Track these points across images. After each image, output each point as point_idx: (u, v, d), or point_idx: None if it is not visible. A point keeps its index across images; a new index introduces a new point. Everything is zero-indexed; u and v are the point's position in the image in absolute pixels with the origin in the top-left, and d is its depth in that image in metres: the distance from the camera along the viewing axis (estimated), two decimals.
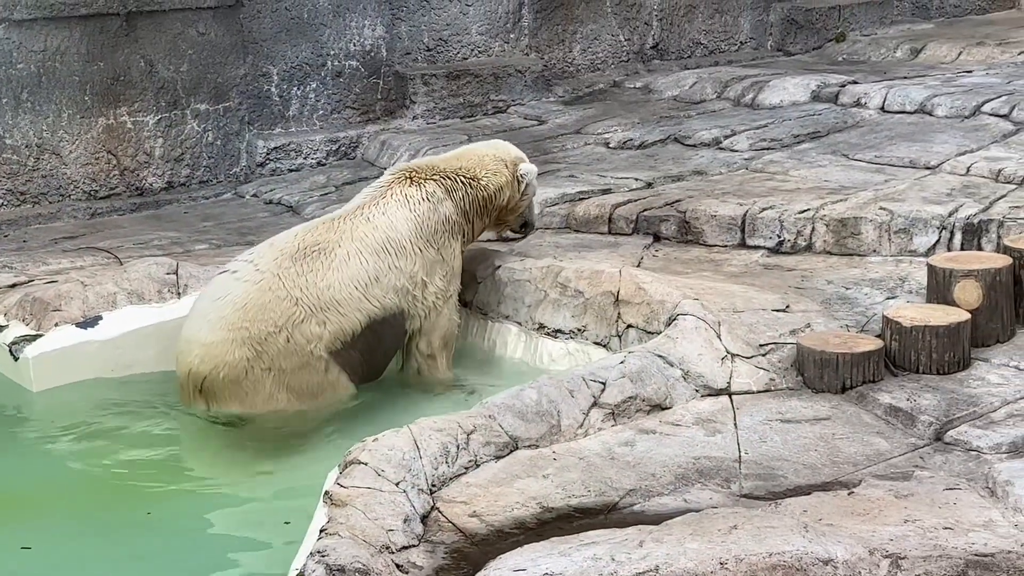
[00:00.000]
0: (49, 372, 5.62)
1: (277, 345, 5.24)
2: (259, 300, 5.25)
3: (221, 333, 5.24)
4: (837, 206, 6.32)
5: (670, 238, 6.48)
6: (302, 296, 5.28)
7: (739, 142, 7.76)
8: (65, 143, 7.52)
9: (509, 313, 5.87)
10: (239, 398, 5.28)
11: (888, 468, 4.33)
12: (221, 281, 5.39)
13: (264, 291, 5.27)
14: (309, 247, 5.39)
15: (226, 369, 5.24)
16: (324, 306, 5.31)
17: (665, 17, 9.96)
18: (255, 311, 5.24)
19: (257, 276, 5.31)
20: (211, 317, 5.28)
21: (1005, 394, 4.78)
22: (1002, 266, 5.25)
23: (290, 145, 8.24)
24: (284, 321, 5.25)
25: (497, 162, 5.88)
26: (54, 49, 7.42)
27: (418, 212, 5.60)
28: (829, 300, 5.56)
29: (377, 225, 5.52)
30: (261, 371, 5.25)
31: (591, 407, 4.65)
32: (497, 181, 5.84)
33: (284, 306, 5.25)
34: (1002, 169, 6.64)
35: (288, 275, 5.30)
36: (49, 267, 6.33)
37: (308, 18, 8.34)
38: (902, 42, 10.11)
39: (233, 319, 5.24)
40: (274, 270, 5.31)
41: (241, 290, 5.28)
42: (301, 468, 5.05)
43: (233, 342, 5.22)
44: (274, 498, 4.90)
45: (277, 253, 5.37)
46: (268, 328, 5.24)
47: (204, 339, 5.26)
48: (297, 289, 5.28)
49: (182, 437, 5.44)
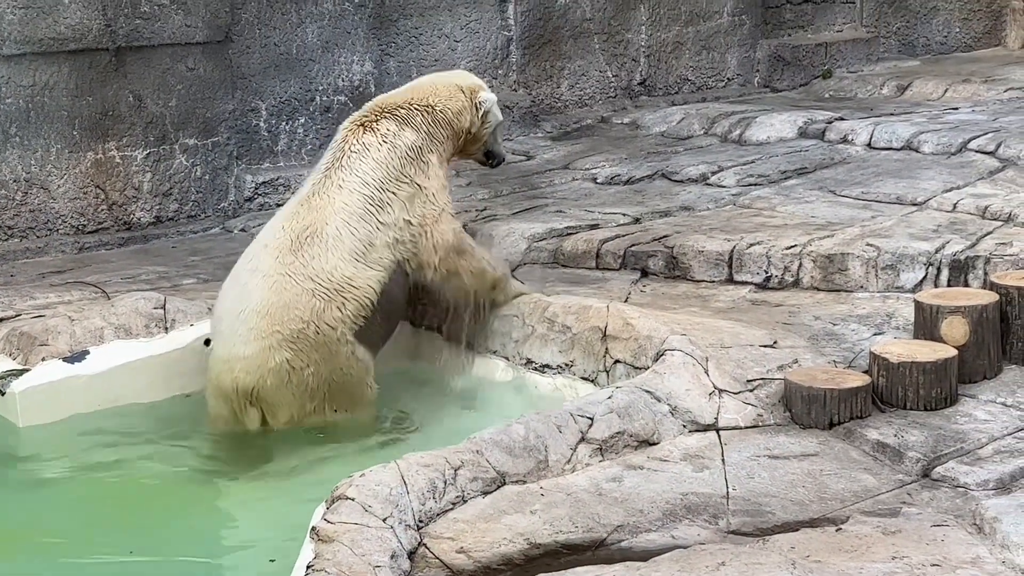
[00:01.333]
0: (36, 407, 5.60)
1: (308, 339, 5.33)
2: (279, 301, 5.32)
3: (256, 343, 5.30)
4: (824, 242, 6.33)
5: (658, 273, 6.49)
6: (316, 286, 5.35)
7: (726, 178, 7.78)
8: (53, 177, 7.51)
9: (496, 348, 5.87)
10: (288, 402, 5.37)
11: (876, 504, 4.33)
12: (234, 296, 5.43)
13: (280, 292, 5.33)
14: (300, 235, 5.41)
15: (271, 376, 5.32)
16: (338, 287, 5.38)
17: (652, 54, 10.00)
18: (279, 313, 5.31)
19: (267, 281, 5.35)
20: (240, 332, 5.33)
21: (992, 430, 4.78)
22: (989, 303, 5.26)
23: (278, 180, 8.24)
24: (309, 314, 5.32)
25: (451, 87, 5.88)
26: (43, 84, 7.43)
27: (379, 157, 5.60)
28: (816, 336, 5.57)
29: (351, 188, 5.53)
30: (301, 369, 5.33)
31: (579, 442, 4.65)
32: (454, 105, 5.82)
33: (304, 300, 5.32)
34: (988, 206, 6.66)
35: (295, 270, 5.35)
36: (36, 301, 6.32)
37: (297, 54, 8.36)
38: (888, 79, 10.16)
39: (262, 327, 5.30)
40: (280, 270, 5.36)
41: (258, 298, 5.34)
42: (287, 504, 5.03)
43: (270, 348, 5.30)
44: (260, 534, 4.88)
45: (275, 252, 5.41)
46: (297, 325, 5.31)
47: (242, 353, 5.32)
48: (308, 280, 5.34)
49: (167, 473, 5.42)
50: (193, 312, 5.94)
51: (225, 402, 5.43)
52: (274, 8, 8.24)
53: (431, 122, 5.76)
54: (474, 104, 5.89)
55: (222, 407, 5.46)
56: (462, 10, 9.04)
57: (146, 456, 5.45)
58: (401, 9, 8.78)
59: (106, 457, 5.44)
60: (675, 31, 10.09)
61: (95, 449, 5.49)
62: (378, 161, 5.60)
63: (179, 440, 5.61)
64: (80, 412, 5.66)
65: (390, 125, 5.68)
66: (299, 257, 5.37)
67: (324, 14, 8.43)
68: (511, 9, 9.27)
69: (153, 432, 5.59)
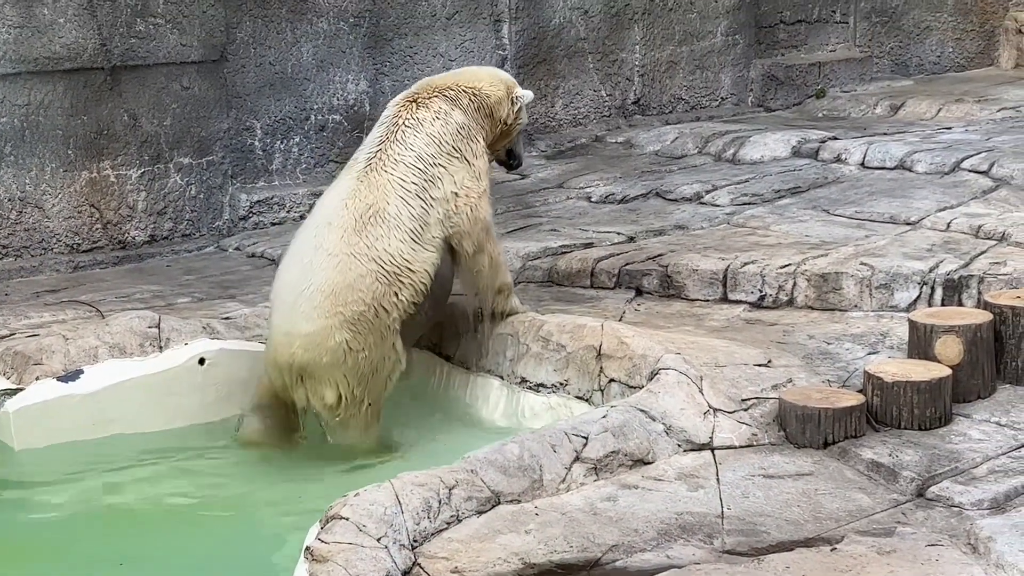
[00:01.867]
0: (30, 426, 5.59)
1: (368, 322, 5.40)
2: (344, 282, 5.38)
3: (320, 321, 5.37)
4: (818, 261, 6.34)
5: (652, 292, 6.49)
6: (379, 268, 5.42)
7: (720, 197, 7.79)
8: (48, 196, 7.51)
9: (491, 367, 5.87)
10: (337, 383, 5.42)
11: (870, 524, 4.33)
12: (298, 272, 5.48)
13: (345, 272, 5.39)
14: (364, 214, 5.48)
15: (328, 355, 5.38)
16: (397, 271, 5.46)
17: (647, 73, 10.02)
18: (343, 293, 5.37)
19: (333, 260, 5.41)
20: (303, 308, 5.39)
21: (986, 450, 4.79)
22: (983, 322, 5.27)
23: (273, 199, 8.25)
24: (371, 297, 5.39)
25: (493, 77, 6.01)
26: (38, 103, 7.43)
27: (433, 132, 5.67)
28: (811, 355, 5.57)
29: (407, 163, 5.60)
30: (357, 352, 5.40)
31: (573, 462, 4.65)
32: (496, 93, 5.92)
33: (368, 282, 5.40)
34: (982, 225, 6.68)
35: (359, 250, 5.42)
36: (31, 320, 6.31)
37: (292, 73, 8.37)
38: (882, 99, 10.19)
39: (326, 306, 5.36)
40: (346, 250, 5.41)
41: (322, 277, 5.39)
42: (281, 523, 5.03)
43: (332, 328, 5.36)
44: (254, 554, 4.87)
45: (339, 230, 5.45)
46: (360, 307, 5.39)
47: (303, 330, 5.38)
48: (372, 262, 5.41)
49: (161, 493, 5.42)
50: (187, 331, 5.94)
51: (279, 375, 5.50)
52: (269, 27, 8.25)
53: (476, 106, 5.85)
54: (511, 97, 5.98)
55: (277, 379, 5.53)
56: (457, 30, 9.06)
57: (140, 478, 5.45)
58: (396, 28, 8.80)
59: (101, 479, 5.43)
60: (669, 51, 10.11)
61: (89, 470, 5.48)
62: (431, 136, 5.67)
63: (173, 462, 5.60)
64: (74, 430, 5.65)
65: (441, 103, 5.76)
66: (363, 238, 5.44)
67: (319, 33, 8.45)
68: (506, 29, 9.29)
69: (147, 453, 5.58)
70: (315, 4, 8.42)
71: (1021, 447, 4.82)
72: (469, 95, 5.84)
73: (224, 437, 5.77)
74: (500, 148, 6.09)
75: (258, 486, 5.41)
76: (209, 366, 5.87)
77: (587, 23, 9.69)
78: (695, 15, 10.20)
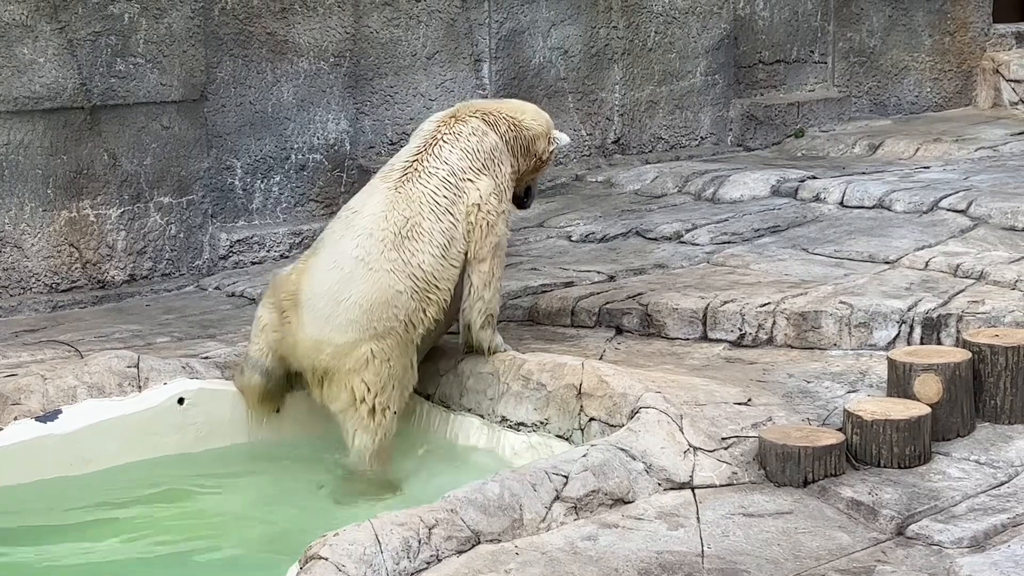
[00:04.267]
0: (7, 466, 5.56)
1: (397, 335, 5.53)
2: (381, 299, 5.52)
3: (353, 335, 5.50)
4: (797, 300, 6.36)
5: (632, 331, 6.50)
6: (413, 285, 5.56)
7: (700, 236, 7.81)
8: (27, 236, 7.50)
9: (471, 406, 5.86)
10: (351, 386, 5.52)
11: (850, 563, 4.33)
12: (337, 280, 5.56)
13: (384, 289, 5.52)
14: (402, 228, 5.60)
15: (351, 362, 5.48)
16: (427, 287, 5.60)
17: (626, 112, 10.06)
18: (380, 310, 5.51)
19: (374, 276, 5.53)
20: (340, 321, 5.50)
21: (966, 488, 4.79)
22: (961, 360, 5.29)
23: (253, 238, 8.24)
24: (404, 314, 5.53)
25: (536, 113, 6.17)
26: (17, 142, 7.43)
27: (468, 146, 5.80)
28: (790, 394, 5.58)
29: (440, 176, 5.72)
30: (381, 361, 5.51)
31: (553, 501, 4.64)
32: (536, 128, 6.08)
33: (403, 300, 5.54)
34: (960, 264, 6.71)
35: (397, 267, 5.55)
36: (9, 360, 6.29)
37: (272, 112, 8.39)
38: (860, 138, 10.24)
39: (362, 321, 5.49)
40: (386, 266, 5.53)
41: (361, 292, 5.51)
42: (260, 563, 5.00)
43: (362, 341, 5.48)
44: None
45: (379, 245, 5.57)
46: (392, 323, 5.52)
47: (336, 341, 5.50)
48: (408, 279, 5.55)
49: (140, 530, 5.39)
50: (167, 371, 5.92)
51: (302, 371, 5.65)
52: (249, 67, 8.27)
53: (513, 135, 5.99)
54: (548, 136, 6.15)
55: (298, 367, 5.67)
56: (437, 69, 9.09)
57: (116, 516, 5.42)
58: (376, 68, 8.83)
59: (78, 518, 5.40)
60: (649, 91, 10.15)
61: (66, 510, 5.45)
62: (465, 150, 5.79)
63: (150, 500, 5.58)
64: (52, 470, 5.62)
65: (480, 123, 5.90)
66: (401, 253, 5.55)
67: (299, 73, 8.47)
68: (486, 68, 9.33)
69: (124, 491, 5.55)
70: (295, 44, 8.44)
71: (1000, 485, 4.83)
72: (509, 123, 5.99)
73: (203, 474, 5.75)
74: (523, 184, 6.22)
75: (238, 524, 5.39)
76: (188, 406, 5.85)
77: (567, 63, 9.73)
78: (674, 55, 10.26)
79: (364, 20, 8.72)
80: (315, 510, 5.40)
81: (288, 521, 5.34)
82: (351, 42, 8.67)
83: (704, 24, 10.39)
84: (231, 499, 5.63)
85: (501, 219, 5.86)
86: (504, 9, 9.37)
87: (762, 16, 10.77)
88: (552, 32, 9.63)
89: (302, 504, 5.48)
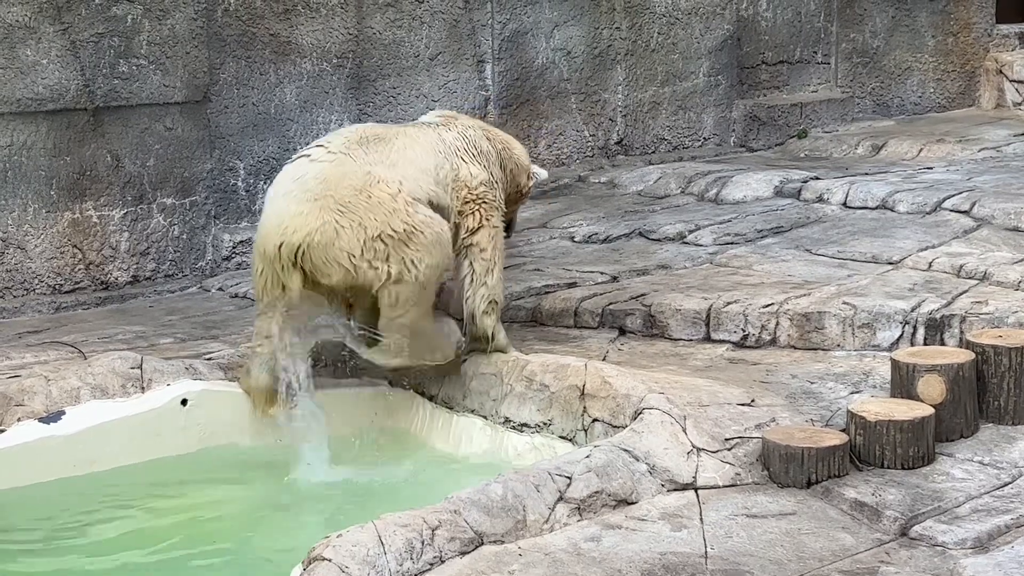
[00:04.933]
0: (10, 468, 5.56)
1: (360, 203, 5.52)
2: (337, 171, 5.59)
3: (307, 203, 5.52)
4: (801, 301, 6.36)
5: (635, 332, 6.50)
6: (373, 169, 5.61)
7: (703, 237, 7.81)
8: (30, 237, 7.50)
9: (474, 407, 5.86)
10: (335, 263, 5.51)
11: (854, 564, 4.32)
12: (296, 165, 5.71)
13: (340, 165, 5.62)
14: (371, 137, 5.80)
15: (318, 234, 5.48)
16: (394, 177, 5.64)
17: (629, 113, 10.06)
18: (336, 180, 5.56)
19: (331, 156, 5.65)
20: (294, 193, 5.57)
21: (969, 489, 4.79)
22: (965, 361, 5.29)
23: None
24: (362, 184, 5.55)
25: (523, 150, 6.42)
26: (20, 144, 7.43)
27: (464, 134, 6.03)
28: (794, 394, 5.58)
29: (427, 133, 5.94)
30: (351, 228, 5.49)
31: (557, 502, 4.64)
32: (523, 161, 6.34)
33: (360, 174, 5.58)
34: (963, 265, 6.70)
35: (357, 155, 5.67)
36: (12, 362, 6.29)
37: (275, 113, 8.39)
38: (863, 139, 10.24)
39: (316, 189, 5.54)
40: (344, 151, 5.68)
41: (318, 168, 5.62)
42: (263, 564, 5.01)
43: (321, 208, 5.50)
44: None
45: (344, 139, 5.77)
46: (349, 192, 5.53)
47: (291, 211, 5.53)
48: (368, 164, 5.63)
49: (144, 533, 5.39)
50: (170, 372, 5.92)
51: (269, 265, 5.60)
52: (253, 68, 8.27)
53: (507, 156, 6.23)
54: (529, 172, 6.38)
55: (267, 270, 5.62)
56: (440, 70, 9.09)
57: (119, 517, 5.42)
58: (379, 69, 8.83)
59: (81, 520, 5.40)
60: (651, 91, 10.15)
61: (70, 511, 5.45)
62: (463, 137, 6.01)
63: (153, 502, 5.58)
64: (56, 471, 5.62)
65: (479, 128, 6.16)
66: (364, 148, 5.70)
67: (303, 74, 8.47)
68: (489, 69, 9.33)
69: (127, 492, 5.55)
70: (298, 45, 8.44)
71: (1004, 486, 4.82)
72: (503, 144, 6.24)
73: (206, 475, 5.75)
74: (507, 215, 6.29)
75: (241, 525, 5.39)
76: (191, 407, 5.86)
77: (570, 64, 9.73)
78: (677, 56, 10.26)
79: (367, 21, 8.73)
80: (319, 511, 5.40)
81: (291, 522, 5.34)
82: (354, 43, 8.68)
83: (707, 25, 10.39)
84: (234, 500, 5.63)
85: (496, 212, 5.97)
86: (507, 10, 9.37)
87: (765, 17, 10.77)
88: (555, 33, 9.63)
89: (306, 505, 5.48)
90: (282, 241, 5.51)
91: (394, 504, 5.07)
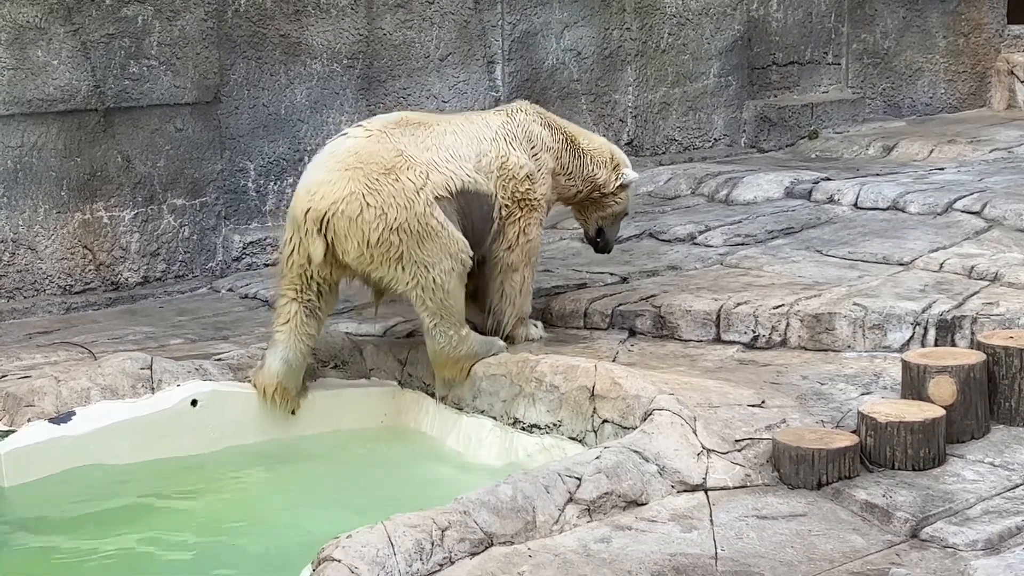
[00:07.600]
0: (21, 468, 5.57)
1: (388, 186, 5.62)
2: (370, 147, 5.76)
3: (337, 172, 5.68)
4: (811, 302, 6.35)
5: (645, 333, 6.49)
6: (405, 149, 5.74)
7: (713, 237, 7.80)
8: (41, 238, 7.52)
9: (484, 408, 5.86)
10: (356, 236, 5.60)
11: (864, 565, 4.31)
12: (335, 142, 5.91)
13: (374, 143, 5.78)
14: (411, 121, 5.96)
15: (344, 204, 5.60)
16: (425, 161, 5.75)
17: (640, 114, 10.06)
18: (367, 155, 5.72)
19: (366, 133, 5.84)
20: (327, 164, 5.74)
21: (980, 491, 4.77)
22: (976, 362, 5.27)
23: (266, 240, 8.25)
24: (392, 163, 5.67)
25: (602, 143, 6.59)
26: (31, 144, 7.44)
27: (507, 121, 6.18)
28: (804, 396, 5.57)
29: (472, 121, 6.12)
30: (374, 208, 5.60)
31: (566, 503, 4.63)
32: (593, 155, 6.46)
33: (391, 154, 5.74)
34: (975, 266, 6.69)
35: (393, 135, 5.84)
36: (23, 362, 6.30)
37: (285, 114, 8.40)
38: (874, 140, 10.22)
39: (348, 160, 5.72)
40: (381, 129, 5.85)
41: (352, 142, 5.80)
42: (273, 565, 5.01)
43: (350, 179, 5.64)
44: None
45: (384, 121, 5.95)
46: (379, 169, 5.67)
47: (321, 179, 5.68)
48: (402, 144, 5.77)
49: (154, 534, 5.39)
50: (180, 372, 5.93)
51: (296, 231, 5.69)
52: (263, 69, 8.28)
53: (564, 150, 6.36)
54: (614, 170, 6.48)
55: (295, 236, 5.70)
56: (450, 71, 9.09)
57: (130, 517, 5.42)
58: (389, 70, 8.83)
59: (91, 519, 5.40)
60: (662, 92, 10.15)
61: (81, 510, 5.45)
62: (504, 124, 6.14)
63: (163, 502, 5.58)
64: (66, 472, 5.62)
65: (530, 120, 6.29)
66: (401, 130, 5.86)
67: (313, 75, 8.47)
68: (499, 70, 9.33)
69: (137, 493, 5.55)
70: (308, 46, 8.45)
71: (1015, 488, 4.81)
72: (562, 136, 6.37)
73: (216, 476, 5.75)
74: (591, 215, 6.59)
75: (250, 526, 5.39)
76: (201, 408, 5.85)
77: (580, 64, 9.73)
78: (688, 57, 10.25)
79: (377, 22, 8.73)
80: (328, 512, 5.40)
81: (301, 523, 5.34)
82: (364, 44, 8.68)
83: (717, 25, 10.39)
84: (244, 501, 5.63)
85: (536, 213, 6.14)
86: (517, 11, 9.37)
87: (776, 17, 10.76)
88: (565, 34, 9.63)
89: (315, 506, 5.48)
90: (310, 207, 5.63)
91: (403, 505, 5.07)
